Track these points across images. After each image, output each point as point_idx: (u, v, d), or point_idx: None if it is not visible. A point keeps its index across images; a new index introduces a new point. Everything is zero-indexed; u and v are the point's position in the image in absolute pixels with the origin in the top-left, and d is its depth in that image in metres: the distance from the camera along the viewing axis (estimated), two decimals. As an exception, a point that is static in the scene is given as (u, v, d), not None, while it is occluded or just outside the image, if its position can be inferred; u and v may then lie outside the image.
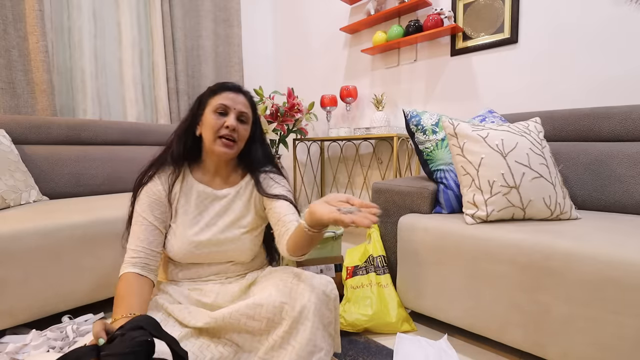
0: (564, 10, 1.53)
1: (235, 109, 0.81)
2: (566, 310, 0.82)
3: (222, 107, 0.80)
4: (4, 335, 1.05)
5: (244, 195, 0.88)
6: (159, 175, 0.83)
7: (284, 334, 0.69)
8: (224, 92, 0.82)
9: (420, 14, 2.03)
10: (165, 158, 0.84)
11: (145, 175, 0.83)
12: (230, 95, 0.82)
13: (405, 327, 1.13)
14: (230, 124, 0.79)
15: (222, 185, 0.87)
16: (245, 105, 0.84)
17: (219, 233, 0.82)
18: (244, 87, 0.88)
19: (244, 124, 0.84)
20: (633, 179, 1.16)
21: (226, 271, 0.84)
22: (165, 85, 2.25)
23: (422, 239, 1.10)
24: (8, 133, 1.50)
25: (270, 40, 2.99)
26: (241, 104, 0.83)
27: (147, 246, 0.77)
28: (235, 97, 0.82)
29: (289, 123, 2.19)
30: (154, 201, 0.80)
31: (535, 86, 1.64)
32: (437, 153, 1.27)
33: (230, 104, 0.81)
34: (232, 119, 0.80)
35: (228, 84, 0.84)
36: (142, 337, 0.49)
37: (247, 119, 0.84)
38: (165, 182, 0.82)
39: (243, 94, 0.85)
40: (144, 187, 0.81)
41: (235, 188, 0.88)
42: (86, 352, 0.46)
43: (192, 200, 0.84)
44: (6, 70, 1.66)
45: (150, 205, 0.79)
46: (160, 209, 0.80)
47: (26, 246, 1.01)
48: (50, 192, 1.55)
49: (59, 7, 1.86)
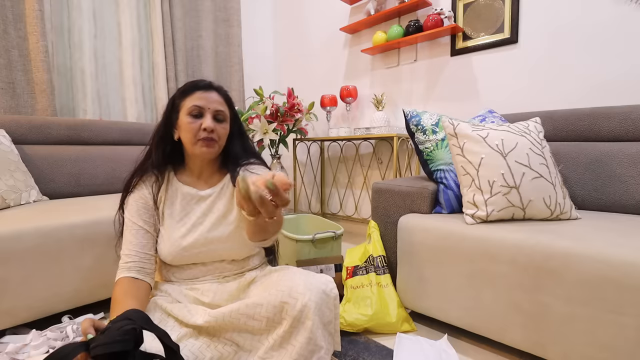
0: (564, 10, 1.53)
1: (210, 109, 0.78)
2: (566, 310, 0.82)
3: (196, 108, 0.78)
4: (4, 335, 1.05)
5: (227, 192, 0.87)
6: (144, 181, 0.83)
7: (284, 333, 0.69)
8: (196, 92, 0.79)
9: (420, 14, 2.03)
10: (147, 166, 0.83)
11: (130, 184, 0.82)
12: (203, 95, 0.79)
13: (405, 327, 1.13)
14: (207, 125, 0.77)
15: (206, 185, 0.87)
16: (220, 102, 0.81)
17: (206, 232, 0.81)
18: (223, 90, 0.85)
19: (222, 123, 0.81)
20: (633, 179, 1.16)
21: (222, 270, 0.84)
22: (165, 85, 2.25)
23: (422, 239, 1.10)
24: (8, 133, 1.50)
25: (270, 40, 2.99)
26: (215, 102, 0.80)
27: (141, 250, 0.76)
28: (208, 95, 0.79)
29: (289, 123, 2.19)
30: (141, 206, 0.80)
31: (535, 86, 1.64)
32: (437, 153, 1.27)
33: (204, 103, 0.78)
34: (208, 120, 0.77)
35: (199, 83, 0.81)
36: (129, 326, 0.48)
37: (224, 116, 0.81)
38: (149, 186, 0.82)
39: (216, 91, 0.82)
40: (131, 195, 0.81)
41: (217, 187, 0.87)
42: (75, 348, 0.46)
43: (177, 203, 0.83)
44: (6, 70, 1.66)
45: (138, 211, 0.79)
46: (148, 213, 0.80)
47: (26, 246, 1.01)
48: (50, 192, 1.55)
49: (59, 7, 1.86)
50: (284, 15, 2.89)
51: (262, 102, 2.12)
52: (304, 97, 2.66)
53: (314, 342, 0.67)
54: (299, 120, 2.25)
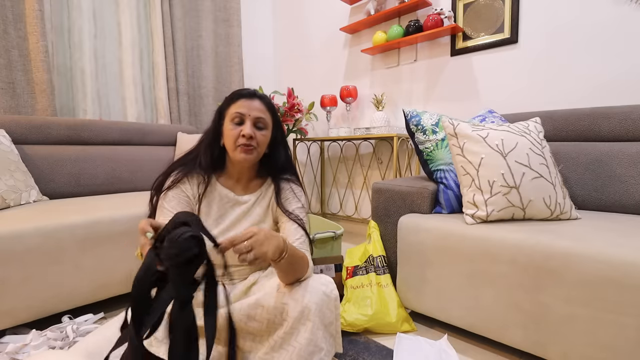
0: (564, 10, 1.53)
1: (250, 116, 0.81)
2: (566, 310, 0.82)
3: (238, 115, 0.80)
4: (4, 335, 1.05)
5: (264, 201, 0.89)
6: (189, 178, 0.84)
7: (285, 334, 0.69)
8: (239, 100, 0.82)
9: (420, 14, 2.03)
10: (193, 166, 0.85)
11: (171, 175, 0.83)
12: (245, 103, 0.81)
13: (405, 327, 1.13)
14: (246, 132, 0.79)
15: (244, 191, 0.89)
16: (262, 110, 0.83)
17: None
18: (267, 99, 0.87)
19: (262, 130, 0.83)
20: (633, 179, 1.16)
21: (232, 275, 0.86)
22: (165, 85, 2.25)
23: (422, 239, 1.10)
24: (8, 133, 1.50)
25: (270, 40, 2.99)
26: (256, 109, 0.82)
27: None
28: (250, 103, 0.82)
29: (289, 123, 2.19)
30: (183, 200, 0.81)
31: (535, 86, 1.64)
32: (437, 153, 1.27)
33: (245, 111, 0.81)
34: (248, 126, 0.80)
35: (242, 91, 0.84)
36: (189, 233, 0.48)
37: (264, 124, 0.83)
38: (195, 185, 0.84)
39: (259, 99, 0.84)
40: (171, 190, 0.81)
41: (255, 194, 0.89)
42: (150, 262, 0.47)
43: (215, 204, 0.85)
44: (6, 70, 1.66)
45: (180, 203, 0.80)
46: (188, 207, 0.81)
47: (26, 246, 1.01)
48: (50, 192, 1.55)
49: (59, 7, 1.86)
50: (284, 15, 2.89)
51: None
52: (304, 97, 2.65)
53: (315, 344, 0.67)
54: (299, 120, 2.25)
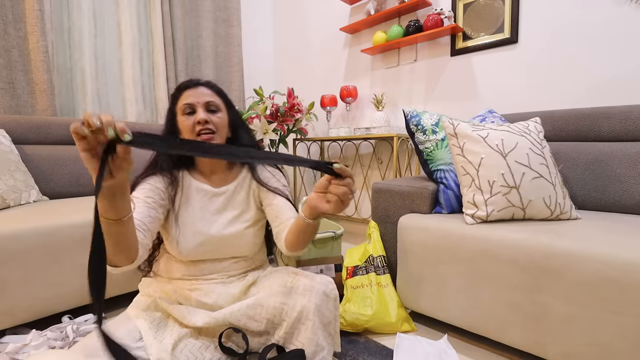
0: (564, 10, 1.53)
1: (200, 102, 0.78)
2: (566, 310, 0.82)
3: (188, 106, 0.78)
4: (4, 335, 1.05)
5: (243, 190, 0.87)
6: (153, 179, 0.79)
7: (285, 334, 0.69)
8: (184, 91, 0.80)
9: (420, 14, 2.02)
10: (154, 171, 0.81)
11: (135, 185, 0.79)
12: (191, 92, 0.79)
13: (405, 327, 1.13)
14: (200, 117, 0.76)
15: (220, 183, 0.86)
16: (209, 94, 0.81)
17: (222, 229, 0.81)
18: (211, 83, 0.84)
19: (216, 112, 0.80)
20: (633, 179, 1.16)
21: (228, 269, 0.84)
22: (165, 86, 2.25)
23: (422, 239, 1.10)
24: (8, 133, 1.50)
25: (270, 40, 2.99)
26: (204, 95, 0.80)
27: (137, 217, 0.69)
28: (196, 91, 0.80)
29: (289, 123, 2.19)
30: (147, 188, 0.76)
31: (535, 86, 1.64)
32: (437, 153, 1.27)
33: (193, 100, 0.78)
34: (200, 112, 0.77)
35: (185, 83, 0.82)
36: None
37: (217, 106, 0.81)
38: (165, 182, 0.80)
39: (203, 85, 0.82)
40: (142, 182, 0.78)
41: (233, 183, 0.86)
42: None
43: (193, 198, 0.82)
44: (6, 70, 1.66)
45: (152, 189, 0.76)
46: (158, 196, 0.76)
47: (26, 246, 1.01)
48: (50, 192, 1.55)
49: (59, 7, 1.86)
50: (284, 15, 2.89)
51: (262, 102, 2.12)
52: (304, 97, 2.65)
53: (316, 343, 0.67)
54: (299, 120, 2.25)
